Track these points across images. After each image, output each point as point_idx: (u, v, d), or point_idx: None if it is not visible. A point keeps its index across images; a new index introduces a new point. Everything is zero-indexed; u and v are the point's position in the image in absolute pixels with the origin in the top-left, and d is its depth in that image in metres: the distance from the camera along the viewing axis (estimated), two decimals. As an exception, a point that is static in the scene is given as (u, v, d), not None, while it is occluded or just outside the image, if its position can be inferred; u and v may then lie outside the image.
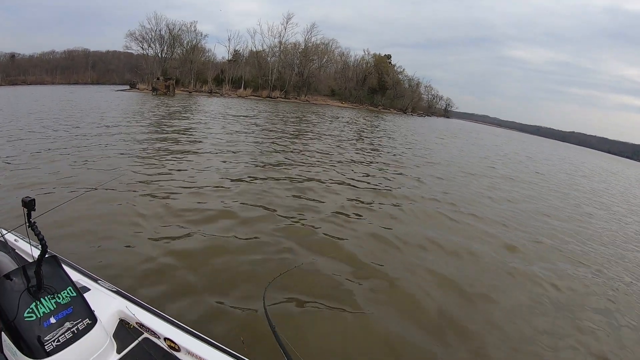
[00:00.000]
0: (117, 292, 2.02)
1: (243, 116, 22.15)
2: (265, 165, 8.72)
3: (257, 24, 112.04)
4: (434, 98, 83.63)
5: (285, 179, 7.57)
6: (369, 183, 8.26)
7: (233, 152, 9.97)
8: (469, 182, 10.37)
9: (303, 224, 5.21)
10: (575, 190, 13.21)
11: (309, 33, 56.68)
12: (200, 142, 10.92)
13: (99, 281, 2.10)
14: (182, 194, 5.89)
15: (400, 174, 10.01)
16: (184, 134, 12.19)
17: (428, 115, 76.36)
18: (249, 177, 7.44)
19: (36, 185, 5.61)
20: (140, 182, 6.24)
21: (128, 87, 43.66)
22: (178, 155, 8.64)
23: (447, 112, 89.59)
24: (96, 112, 16.77)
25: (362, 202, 6.66)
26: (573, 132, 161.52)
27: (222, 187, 6.53)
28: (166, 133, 12.09)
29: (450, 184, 9.67)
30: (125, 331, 1.83)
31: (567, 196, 11.49)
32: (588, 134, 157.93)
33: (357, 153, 12.64)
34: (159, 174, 6.93)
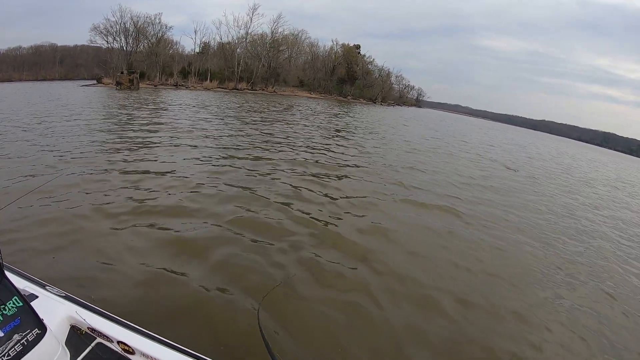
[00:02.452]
0: (67, 297, 1.94)
1: (203, 107, 22.91)
2: (223, 155, 9.19)
3: (223, 15, 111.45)
4: (405, 88, 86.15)
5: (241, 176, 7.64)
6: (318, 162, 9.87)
7: (175, 145, 9.99)
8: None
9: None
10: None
11: (276, 23, 57.40)
12: (145, 139, 10.53)
13: (47, 287, 2.02)
14: (126, 188, 6.00)
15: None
16: (136, 130, 11.89)
17: (399, 105, 78.47)
18: (205, 168, 7.84)
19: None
20: (83, 181, 6.20)
21: (95, 81, 44.08)
22: (124, 153, 8.60)
23: (418, 102, 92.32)
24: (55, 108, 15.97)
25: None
26: (544, 120, 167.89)
27: (173, 175, 6.98)
28: (117, 131, 11.56)
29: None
30: (77, 338, 1.79)
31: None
32: (559, 122, 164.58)
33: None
34: (103, 172, 6.92)
